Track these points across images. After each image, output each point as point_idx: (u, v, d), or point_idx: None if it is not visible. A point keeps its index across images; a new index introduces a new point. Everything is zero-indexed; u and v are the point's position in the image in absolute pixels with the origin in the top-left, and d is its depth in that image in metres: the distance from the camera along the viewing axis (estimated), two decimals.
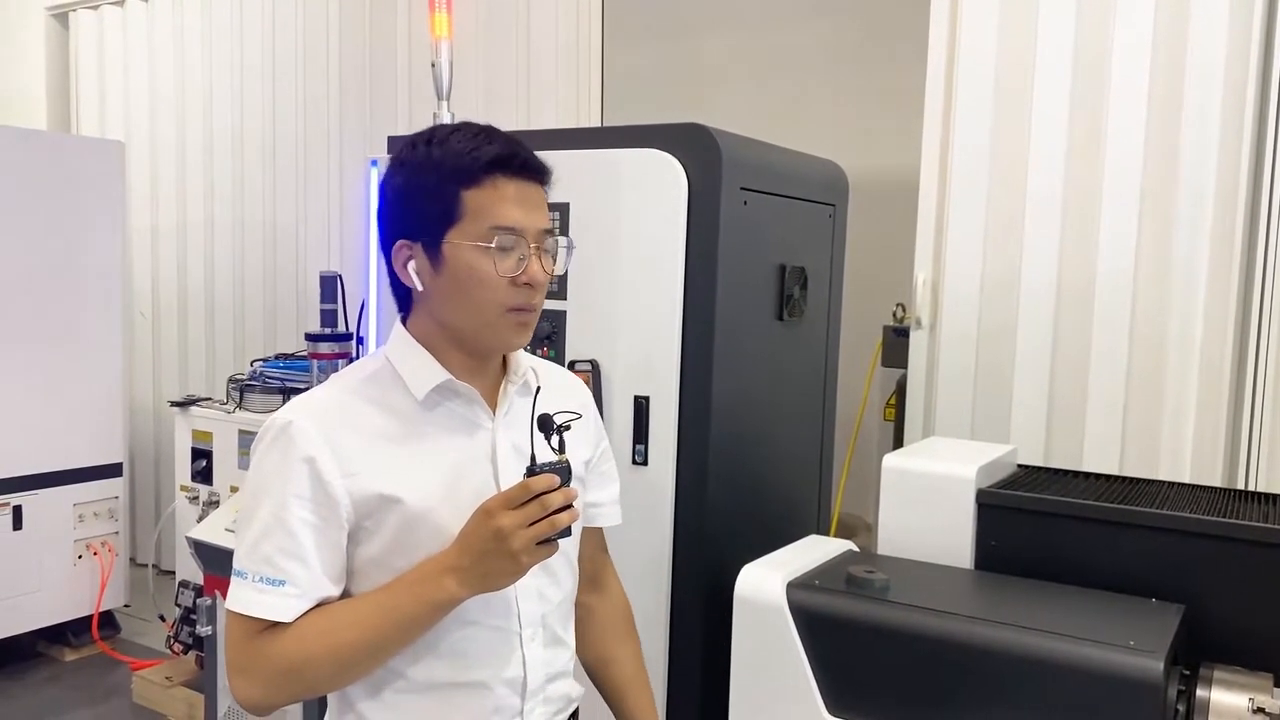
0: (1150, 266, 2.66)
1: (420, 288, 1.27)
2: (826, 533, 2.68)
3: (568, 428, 1.21)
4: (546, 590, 1.35)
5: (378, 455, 1.24)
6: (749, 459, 2.29)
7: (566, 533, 1.19)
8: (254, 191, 4.72)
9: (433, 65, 2.43)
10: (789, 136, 2.66)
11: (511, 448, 1.31)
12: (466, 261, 1.24)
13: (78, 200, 4.00)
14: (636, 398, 2.14)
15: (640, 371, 2.15)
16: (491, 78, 3.94)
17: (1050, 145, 2.75)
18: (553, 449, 1.20)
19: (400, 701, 1.27)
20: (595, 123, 3.77)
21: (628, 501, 2.14)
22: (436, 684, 1.27)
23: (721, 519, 2.17)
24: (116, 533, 4.20)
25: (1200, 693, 1.57)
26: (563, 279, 2.22)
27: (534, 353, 2.25)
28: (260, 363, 3.93)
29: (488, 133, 1.29)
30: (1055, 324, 2.79)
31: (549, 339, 2.23)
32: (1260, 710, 1.51)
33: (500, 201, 1.25)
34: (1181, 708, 1.57)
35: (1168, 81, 2.60)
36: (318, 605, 1.22)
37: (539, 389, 1.29)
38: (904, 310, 3.24)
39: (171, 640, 3.74)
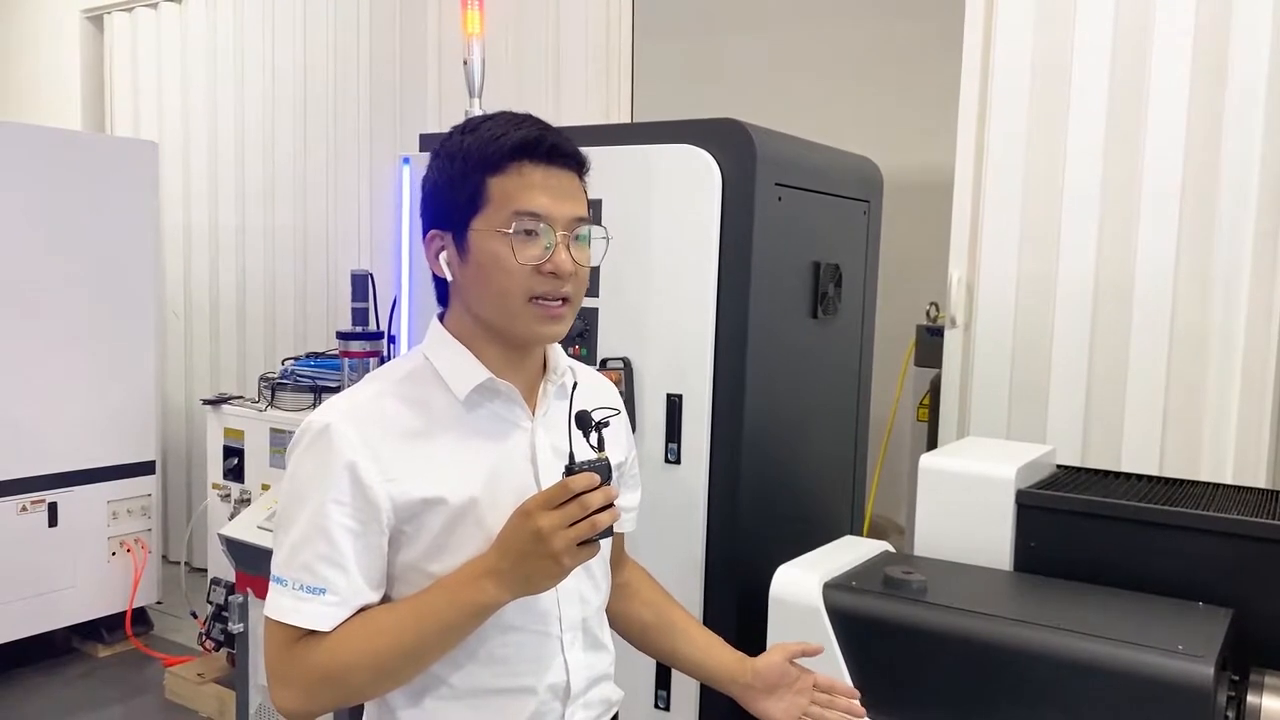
0: (1191, 264, 2.61)
1: (450, 278, 1.26)
2: (859, 534, 2.65)
3: (606, 424, 1.19)
4: (587, 594, 1.33)
5: (418, 458, 1.22)
6: (781, 458, 2.26)
7: (608, 533, 1.16)
8: (285, 190, 4.74)
9: (465, 63, 2.42)
10: (822, 134, 2.63)
11: (551, 448, 1.28)
12: (489, 249, 1.21)
13: (112, 200, 4.04)
14: (669, 396, 2.12)
15: (673, 370, 2.13)
16: (522, 75, 3.93)
17: (1087, 141, 2.71)
18: (591, 447, 1.18)
19: (441, 708, 1.25)
20: (626, 120, 3.75)
21: (660, 500, 2.15)
22: (478, 690, 1.25)
23: (754, 518, 2.15)
24: (149, 530, 4.23)
25: (1251, 699, 1.53)
26: (595, 275, 2.20)
27: (566, 351, 2.25)
28: (291, 361, 3.95)
29: (520, 119, 1.26)
30: (1093, 323, 2.74)
31: (581, 337, 2.22)
32: None
33: (526, 188, 1.22)
34: (1231, 714, 1.53)
35: (1209, 76, 2.55)
36: (358, 612, 1.20)
37: (575, 385, 1.27)
38: (938, 309, 3.21)
39: (203, 637, 3.77)
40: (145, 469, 4.20)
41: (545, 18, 3.89)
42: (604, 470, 1.15)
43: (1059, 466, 2.28)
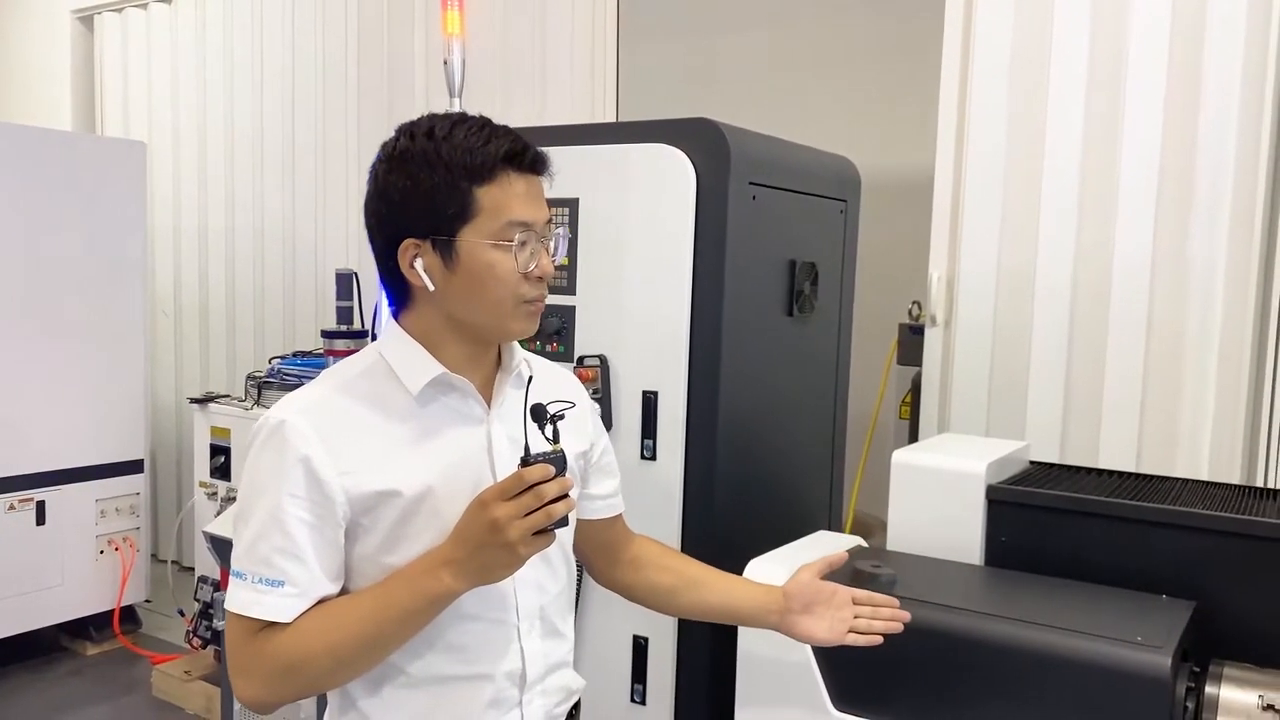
0: (1167, 263, 2.63)
1: (431, 286, 1.26)
2: (839, 530, 2.67)
3: (561, 417, 1.21)
4: (545, 582, 1.35)
5: (373, 451, 1.24)
6: (758, 455, 2.28)
7: (564, 522, 1.18)
8: (273, 192, 4.76)
9: (445, 63, 2.44)
10: (806, 134, 2.65)
11: (507, 440, 1.30)
12: (485, 260, 1.24)
13: (100, 199, 4.05)
14: (645, 393, 2.14)
15: (649, 367, 2.14)
16: (508, 75, 3.95)
17: (1065, 141, 2.73)
18: (547, 439, 1.20)
19: (400, 696, 1.27)
20: (611, 120, 3.77)
21: (636, 497, 2.16)
22: (436, 678, 1.27)
23: (730, 515, 2.17)
24: (138, 528, 4.24)
25: (1209, 689, 1.55)
26: (572, 275, 2.22)
27: (544, 348, 2.28)
28: (278, 360, 3.96)
29: (492, 127, 1.28)
30: (1071, 321, 2.76)
31: (559, 334, 2.24)
32: (1270, 707, 1.49)
33: (514, 198, 1.25)
34: (1191, 705, 1.55)
35: (1185, 75, 2.57)
36: (317, 603, 1.22)
37: (531, 378, 1.29)
38: (920, 308, 3.23)
39: (190, 635, 3.78)
40: (134, 468, 4.21)
41: (531, 18, 3.91)
42: (559, 461, 1.17)
43: (1032, 463, 2.30)
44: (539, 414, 1.21)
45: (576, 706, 1.46)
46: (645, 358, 2.15)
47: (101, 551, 4.13)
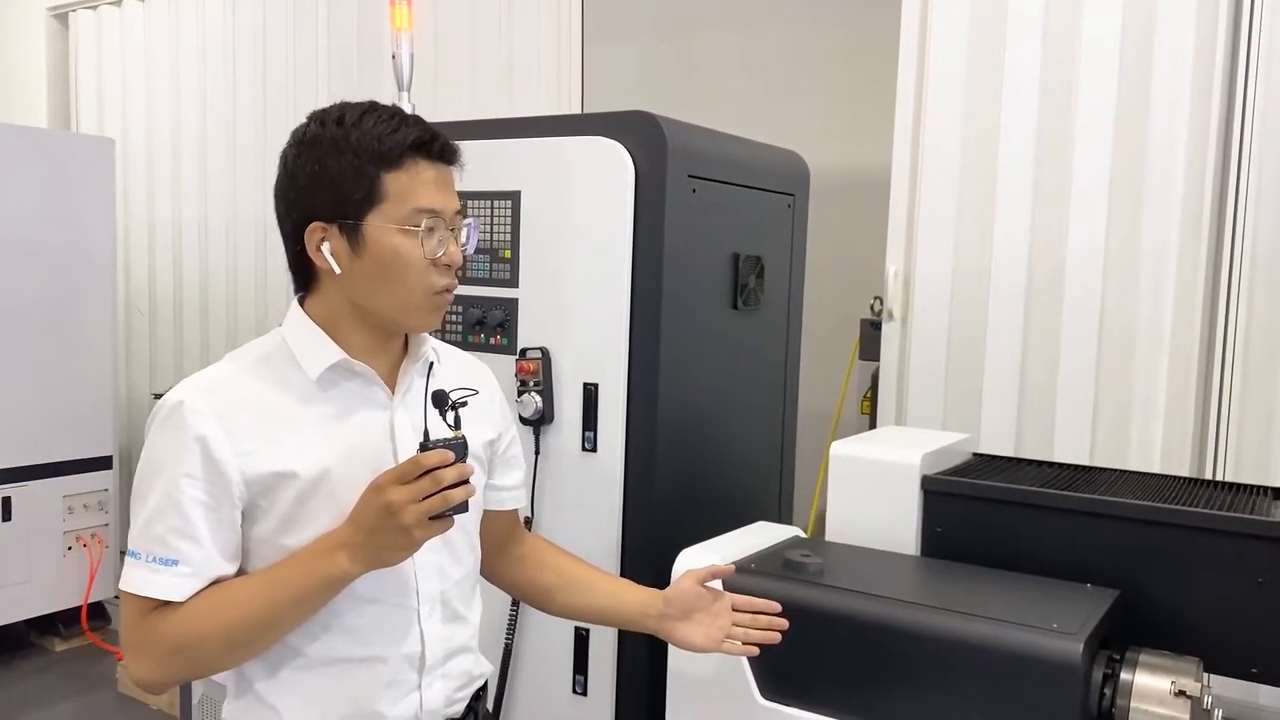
0: (1119, 256, 2.65)
1: (337, 270, 1.27)
2: (789, 523, 2.67)
3: (464, 404, 1.22)
4: (447, 567, 1.35)
5: (271, 433, 1.24)
6: (700, 447, 2.29)
7: (463, 508, 1.19)
8: (246, 189, 4.76)
9: (393, 57, 2.45)
10: (770, 133, 2.66)
11: (411, 426, 1.31)
12: (390, 245, 1.25)
13: (70, 196, 4.05)
14: (585, 385, 2.15)
15: (590, 359, 2.15)
16: (475, 73, 3.96)
17: (1020, 137, 2.74)
18: (448, 425, 1.21)
19: (298, 678, 1.27)
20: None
21: (577, 488, 2.18)
22: (333, 660, 1.28)
23: (670, 507, 2.18)
24: (106, 525, 4.25)
25: (1124, 675, 1.56)
26: (514, 267, 2.23)
27: (487, 341, 2.29)
28: None
29: (401, 116, 1.30)
30: (1025, 315, 2.77)
31: (501, 327, 2.25)
32: (1182, 693, 1.50)
33: (423, 185, 1.26)
34: (1109, 691, 1.56)
35: (1136, 71, 2.59)
36: (212, 584, 1.22)
37: (432, 365, 1.30)
38: (881, 303, 3.24)
39: None
40: (102, 464, 4.21)
41: (497, 17, 3.92)
42: (459, 448, 1.18)
43: (975, 454, 2.32)
44: (440, 400, 1.22)
45: (483, 689, 1.46)
46: (586, 350, 2.16)
47: (69, 548, 4.13)
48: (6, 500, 3.91)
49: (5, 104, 5.55)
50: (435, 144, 1.28)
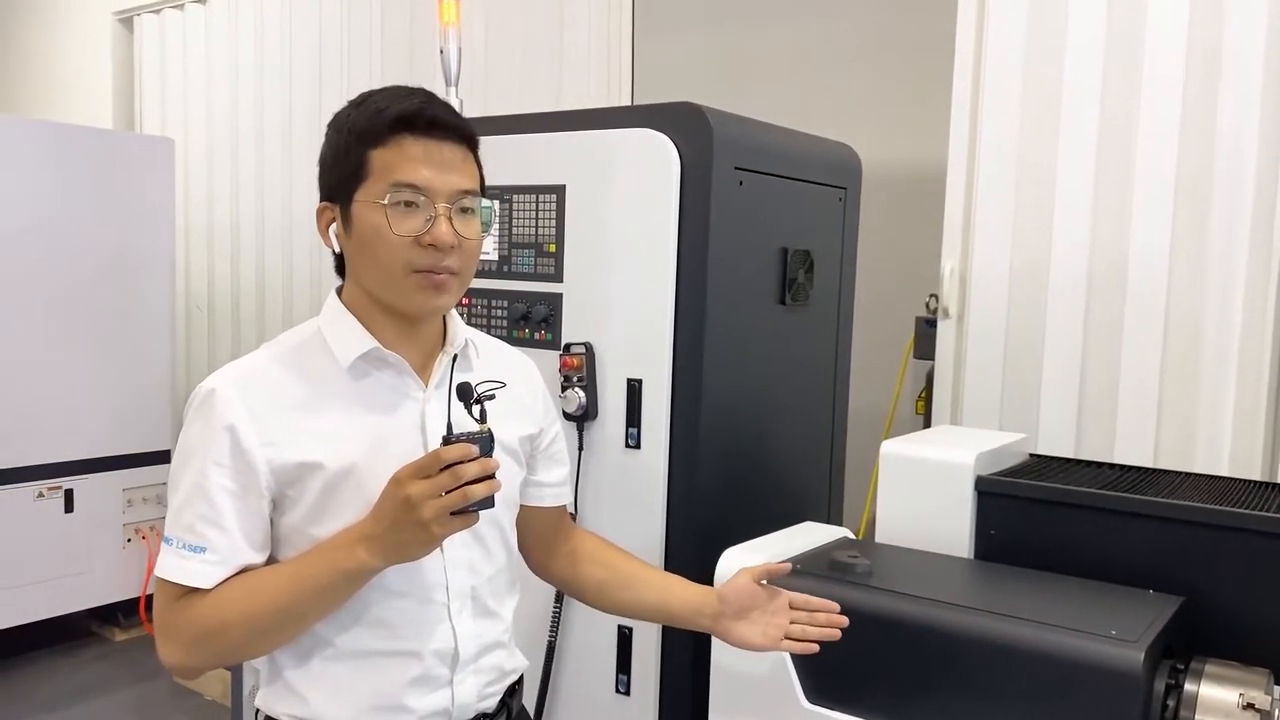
0: (1185, 254, 2.55)
1: (338, 250, 1.28)
2: (838, 523, 2.62)
3: (491, 397, 1.19)
4: (478, 563, 1.33)
5: (300, 424, 1.23)
6: (745, 445, 2.24)
7: (488, 504, 1.15)
8: (301, 188, 4.81)
9: (441, 52, 2.44)
10: (823, 127, 2.61)
11: (443, 418, 1.28)
12: (370, 220, 1.23)
13: (130, 195, 4.13)
14: (629, 381, 2.12)
15: (633, 354, 2.12)
16: (525, 68, 3.96)
17: (1080, 131, 2.65)
18: (474, 419, 1.18)
19: (327, 669, 1.26)
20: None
21: (620, 485, 2.15)
22: (362, 652, 1.26)
23: (714, 505, 2.14)
24: (164, 517, 4.30)
25: (1189, 686, 1.48)
26: (559, 262, 2.21)
27: (532, 336, 2.27)
28: None
29: (407, 92, 1.27)
30: (1086, 314, 2.69)
31: (546, 321, 2.23)
32: (1250, 706, 1.43)
33: (405, 160, 1.22)
34: (1172, 702, 1.49)
35: (1203, 64, 2.48)
36: (240, 572, 1.22)
37: (457, 356, 1.27)
38: (936, 301, 3.16)
39: None
40: (161, 458, 4.28)
41: (548, 10, 3.91)
42: (484, 442, 1.15)
43: (1032, 455, 2.24)
44: (464, 392, 1.19)
45: (516, 685, 1.44)
46: (630, 345, 2.13)
47: (129, 539, 4.21)
48: (69, 493, 4.00)
49: (73, 106, 5.69)
50: (421, 118, 1.23)
